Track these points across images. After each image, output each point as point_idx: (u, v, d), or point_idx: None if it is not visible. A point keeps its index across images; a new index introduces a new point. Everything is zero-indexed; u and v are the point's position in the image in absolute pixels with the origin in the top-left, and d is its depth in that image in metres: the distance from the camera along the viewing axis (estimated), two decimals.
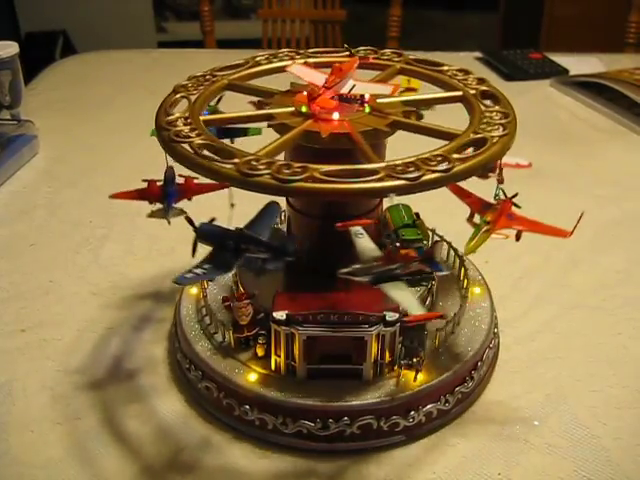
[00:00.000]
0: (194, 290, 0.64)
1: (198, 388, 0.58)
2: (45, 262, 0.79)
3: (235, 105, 0.58)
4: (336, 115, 0.54)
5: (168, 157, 0.51)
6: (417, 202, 0.57)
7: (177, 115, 0.53)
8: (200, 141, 0.50)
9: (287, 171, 0.46)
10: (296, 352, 0.53)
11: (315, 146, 0.52)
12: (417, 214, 0.61)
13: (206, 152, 0.49)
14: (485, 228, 0.51)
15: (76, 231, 0.85)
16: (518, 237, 0.53)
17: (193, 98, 0.56)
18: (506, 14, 2.99)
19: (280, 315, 0.52)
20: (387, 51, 0.66)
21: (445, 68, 0.62)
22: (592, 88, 1.24)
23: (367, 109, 0.55)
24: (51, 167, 1.01)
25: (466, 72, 0.62)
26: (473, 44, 1.52)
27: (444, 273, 0.53)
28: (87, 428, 0.57)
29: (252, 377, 0.55)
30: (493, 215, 0.52)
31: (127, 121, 1.15)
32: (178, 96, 0.57)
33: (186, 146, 0.49)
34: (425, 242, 0.58)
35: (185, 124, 0.52)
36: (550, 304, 0.71)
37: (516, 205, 0.54)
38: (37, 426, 0.57)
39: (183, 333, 0.60)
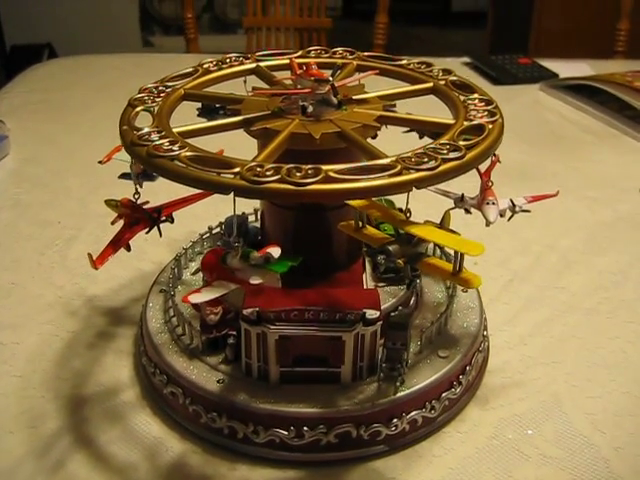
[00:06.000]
0: (162, 291, 0.61)
1: (163, 394, 0.54)
2: (8, 263, 0.76)
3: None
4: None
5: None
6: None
7: (148, 129, 0.49)
8: (188, 153, 0.45)
9: (299, 174, 0.43)
10: (268, 354, 0.50)
11: (306, 149, 0.49)
12: (401, 209, 0.58)
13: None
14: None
15: (43, 232, 0.82)
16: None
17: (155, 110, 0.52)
18: (494, 30, 3.01)
19: (250, 312, 0.49)
20: (339, 49, 0.64)
21: (404, 62, 0.61)
22: (582, 92, 1.23)
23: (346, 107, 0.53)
24: (21, 168, 0.98)
25: (428, 64, 0.61)
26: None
27: None
28: (45, 435, 0.54)
29: (220, 381, 0.52)
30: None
31: (104, 125, 1.10)
32: (138, 109, 0.52)
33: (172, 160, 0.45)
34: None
35: (162, 137, 0.47)
36: (543, 307, 0.69)
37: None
38: None
39: (149, 335, 0.57)
